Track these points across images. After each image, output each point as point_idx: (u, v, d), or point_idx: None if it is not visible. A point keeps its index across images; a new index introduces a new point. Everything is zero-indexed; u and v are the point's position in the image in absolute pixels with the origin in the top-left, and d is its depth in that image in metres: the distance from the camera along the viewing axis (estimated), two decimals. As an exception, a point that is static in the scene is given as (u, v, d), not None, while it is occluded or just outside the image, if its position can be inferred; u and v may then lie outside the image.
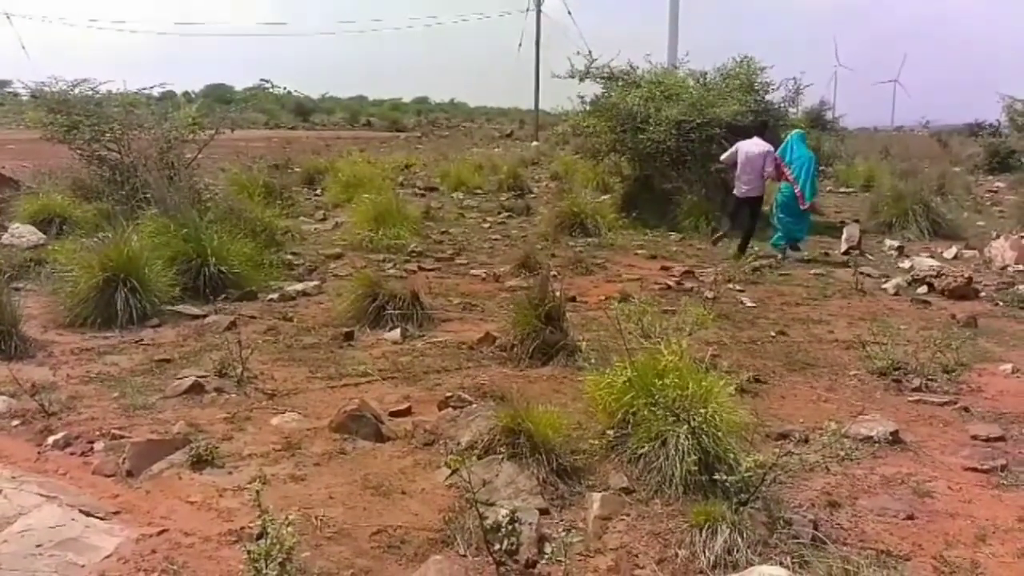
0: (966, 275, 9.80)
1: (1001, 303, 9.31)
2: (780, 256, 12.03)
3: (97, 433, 4.88)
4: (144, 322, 7.26)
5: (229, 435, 4.94)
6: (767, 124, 13.55)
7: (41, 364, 6.22)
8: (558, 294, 6.74)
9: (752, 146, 12.01)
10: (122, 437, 4.77)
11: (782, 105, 15.85)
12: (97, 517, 3.86)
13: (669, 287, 9.71)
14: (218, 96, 41.82)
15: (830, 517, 4.10)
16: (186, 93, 46.47)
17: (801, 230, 12.51)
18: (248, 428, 5.08)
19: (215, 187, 11.11)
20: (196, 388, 5.59)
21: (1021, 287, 9.71)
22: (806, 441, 4.65)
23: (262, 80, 14.72)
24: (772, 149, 11.99)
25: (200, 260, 8.27)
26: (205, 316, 7.57)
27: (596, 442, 4.55)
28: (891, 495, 4.37)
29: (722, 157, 12.67)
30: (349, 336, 7.13)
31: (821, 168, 16.57)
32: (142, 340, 6.91)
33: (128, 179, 10.39)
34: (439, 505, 4.13)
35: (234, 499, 4.13)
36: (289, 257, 10.54)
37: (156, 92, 14.45)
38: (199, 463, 4.47)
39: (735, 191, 12.31)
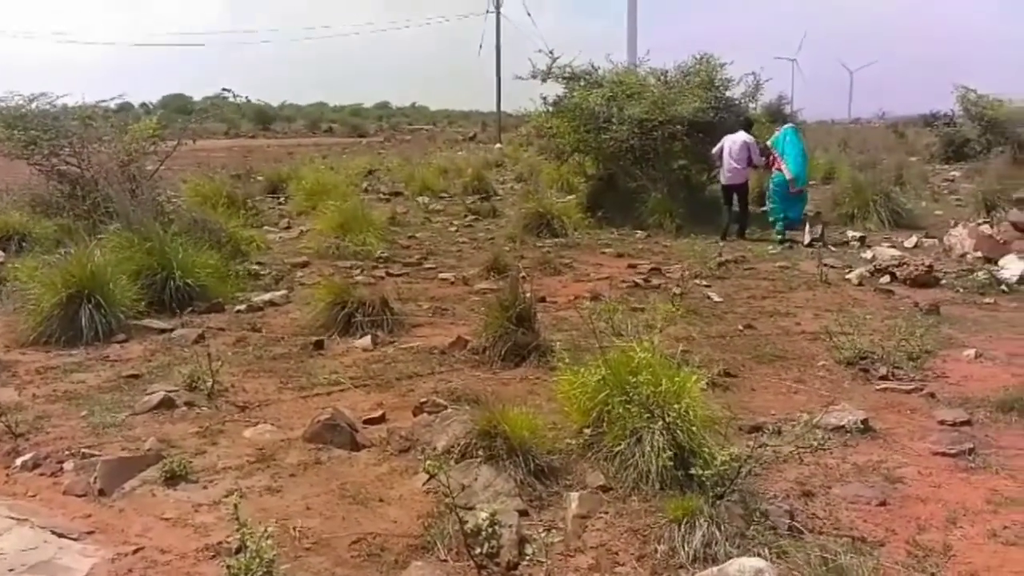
0: (927, 264, 9.97)
1: (961, 290, 9.48)
2: (779, 241, 13.10)
3: (66, 452, 4.80)
4: (110, 338, 7.15)
5: (202, 449, 4.89)
6: (751, 122, 14.51)
7: (5, 384, 6.10)
8: (528, 295, 6.76)
9: (734, 138, 13.42)
10: (92, 456, 4.69)
11: (742, 101, 16.01)
12: (70, 538, 3.81)
13: (637, 285, 9.77)
14: (177, 106, 41.43)
15: (805, 507, 4.15)
16: (143, 104, 45.81)
17: (796, 212, 13.61)
18: (221, 441, 5.03)
19: (178, 199, 10.96)
20: (166, 403, 5.52)
21: (980, 274, 9.89)
22: (779, 433, 4.70)
23: (223, 89, 14.52)
24: (752, 141, 13.39)
25: (165, 273, 8.16)
26: (172, 330, 7.48)
27: (573, 441, 4.58)
28: (863, 482, 4.44)
29: (713, 151, 13.92)
30: (319, 345, 7.09)
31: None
32: (109, 356, 6.81)
33: (89, 193, 10.26)
34: (418, 511, 4.12)
35: (210, 514, 4.09)
36: (255, 267, 10.43)
37: (113, 104, 14.25)
38: (173, 479, 4.42)
39: (720, 179, 13.89)
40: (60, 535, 3.81)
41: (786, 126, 14.17)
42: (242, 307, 8.40)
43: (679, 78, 15.70)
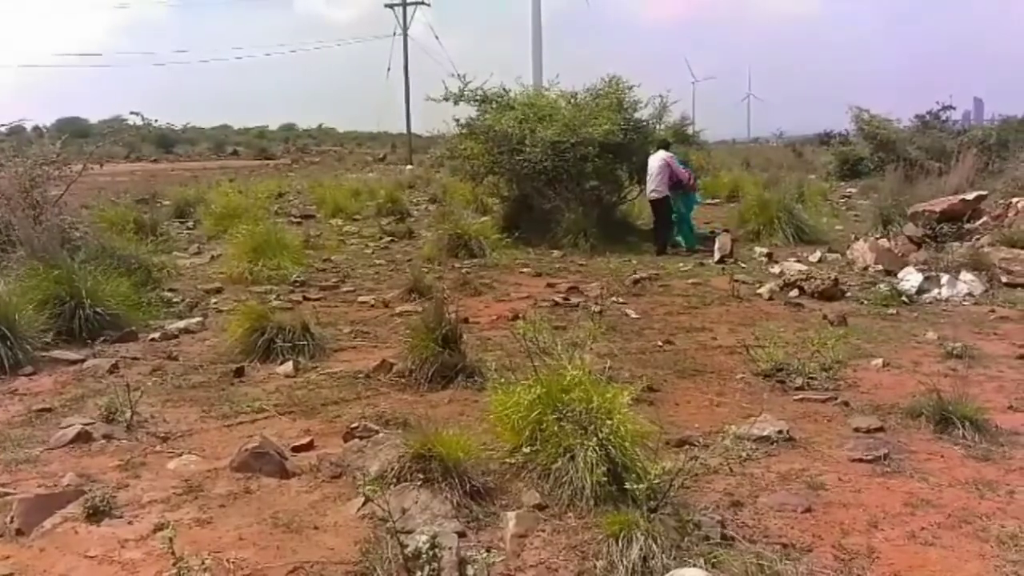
0: (832, 277, 10.38)
1: (866, 302, 9.88)
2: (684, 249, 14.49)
3: (-22, 492, 4.59)
4: (17, 371, 6.85)
5: (124, 483, 4.73)
6: (668, 142, 15.27)
7: (-95, 423, 5.80)
8: (453, 316, 6.77)
9: (654, 159, 14.43)
10: (7, 494, 4.49)
11: (650, 122, 16.43)
12: (-11, 581, 3.64)
13: (557, 303, 9.88)
14: (74, 130, 39.90)
15: (735, 516, 4.26)
16: (37, 128, 43.72)
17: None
18: (144, 474, 4.87)
19: (83, 225, 10.57)
20: (83, 436, 5.31)
21: (882, 286, 10.34)
22: (706, 446, 4.82)
23: (132, 112, 14.10)
24: (671, 158, 14.34)
25: (74, 302, 7.86)
26: (84, 360, 7.20)
27: (511, 460, 4.60)
28: (788, 490, 4.58)
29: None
30: (239, 372, 6.94)
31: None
32: (16, 390, 6.52)
33: (-11, 221, 9.80)
34: (354, 537, 4.08)
35: (137, 550, 3.95)
36: (167, 294, 10.14)
37: (4, 129, 13.62)
38: (95, 514, 4.25)
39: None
40: (-22, 579, 3.64)
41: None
42: (156, 335, 8.16)
43: (589, 100, 16.01)
